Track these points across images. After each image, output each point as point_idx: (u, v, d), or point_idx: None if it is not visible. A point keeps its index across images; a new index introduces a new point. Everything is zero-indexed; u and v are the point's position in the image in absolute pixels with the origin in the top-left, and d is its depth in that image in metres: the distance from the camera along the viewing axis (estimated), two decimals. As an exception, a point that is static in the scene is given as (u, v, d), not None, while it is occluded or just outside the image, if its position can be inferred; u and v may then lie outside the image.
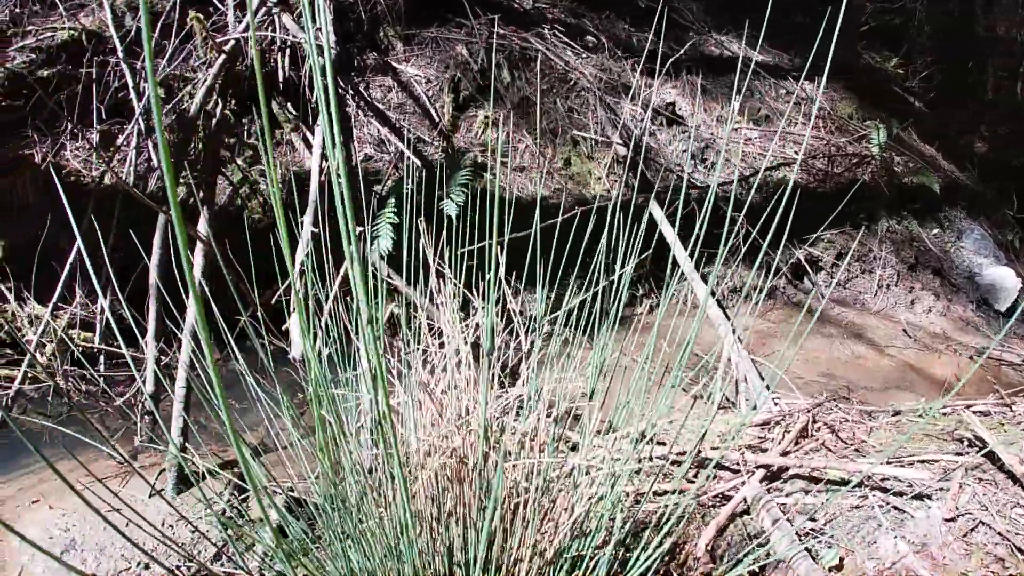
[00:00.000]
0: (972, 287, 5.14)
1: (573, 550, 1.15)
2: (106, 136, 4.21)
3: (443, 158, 3.55)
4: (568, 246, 1.74)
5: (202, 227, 3.07)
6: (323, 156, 2.98)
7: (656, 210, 2.02)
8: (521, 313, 1.38)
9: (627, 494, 1.24)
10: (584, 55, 4.63)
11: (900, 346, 4.56)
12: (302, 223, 2.56)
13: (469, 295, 1.36)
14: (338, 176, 0.75)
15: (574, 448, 1.39)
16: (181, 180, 3.51)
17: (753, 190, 4.42)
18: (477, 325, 1.18)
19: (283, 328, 2.00)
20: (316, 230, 2.46)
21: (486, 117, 3.93)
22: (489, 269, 1.08)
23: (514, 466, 1.09)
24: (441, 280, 1.29)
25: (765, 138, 5.05)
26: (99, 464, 3.18)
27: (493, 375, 1.19)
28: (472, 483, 1.07)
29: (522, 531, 1.09)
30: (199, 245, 2.96)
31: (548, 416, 1.19)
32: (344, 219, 0.78)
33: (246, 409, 2.09)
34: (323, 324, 1.46)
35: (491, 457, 1.12)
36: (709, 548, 1.55)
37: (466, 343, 1.16)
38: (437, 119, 3.90)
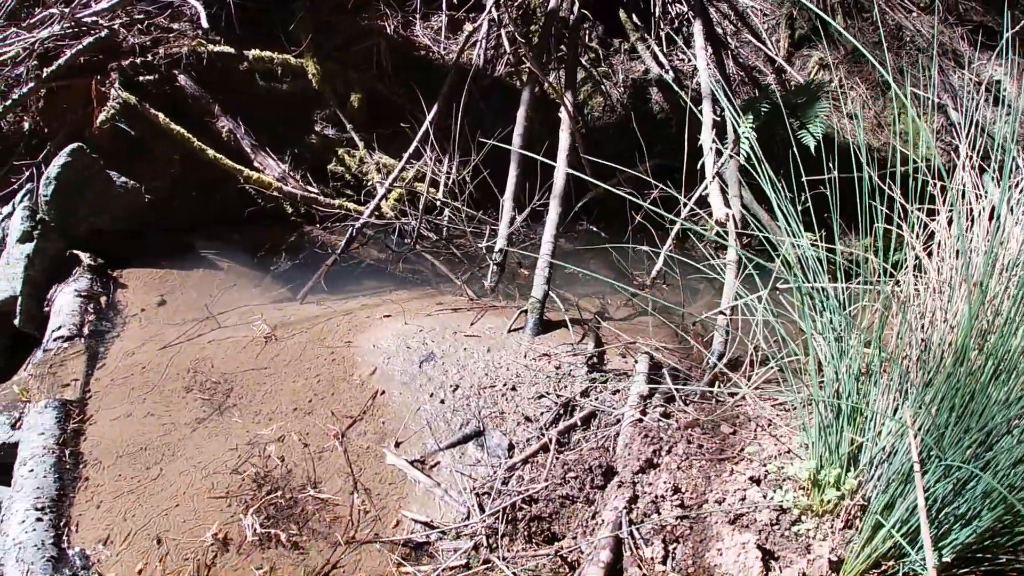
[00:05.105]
0: None
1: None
2: (452, 21, 4.67)
3: (782, 91, 3.68)
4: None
5: (568, 101, 3.39)
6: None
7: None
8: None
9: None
10: (916, 14, 4.53)
11: None
12: (701, 110, 2.82)
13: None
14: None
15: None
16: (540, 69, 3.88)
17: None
18: None
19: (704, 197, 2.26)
20: (716, 118, 2.71)
21: (820, 59, 3.99)
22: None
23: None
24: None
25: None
26: (444, 298, 3.55)
27: None
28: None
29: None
30: (565, 121, 3.29)
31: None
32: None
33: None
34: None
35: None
36: None
37: None
38: (773, 52, 4.02)
